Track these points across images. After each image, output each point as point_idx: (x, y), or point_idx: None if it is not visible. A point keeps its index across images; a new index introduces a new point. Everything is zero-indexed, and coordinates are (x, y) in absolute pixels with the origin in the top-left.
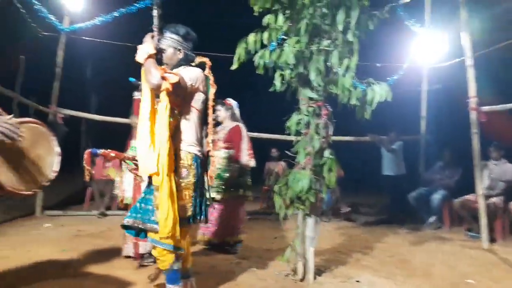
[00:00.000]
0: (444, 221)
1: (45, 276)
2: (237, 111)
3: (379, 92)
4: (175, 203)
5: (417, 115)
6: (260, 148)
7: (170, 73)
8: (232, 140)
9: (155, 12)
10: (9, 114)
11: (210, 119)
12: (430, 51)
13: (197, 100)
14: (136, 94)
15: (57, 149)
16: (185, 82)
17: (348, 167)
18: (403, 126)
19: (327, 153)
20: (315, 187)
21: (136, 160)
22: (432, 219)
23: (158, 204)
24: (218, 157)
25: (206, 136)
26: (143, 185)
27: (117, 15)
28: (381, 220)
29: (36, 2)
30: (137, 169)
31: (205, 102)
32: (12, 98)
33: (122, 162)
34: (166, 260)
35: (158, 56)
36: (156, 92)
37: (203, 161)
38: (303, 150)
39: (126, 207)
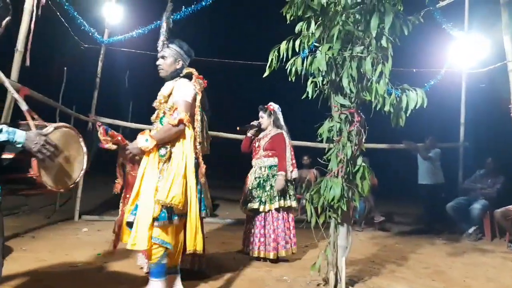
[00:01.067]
0: (484, 232)
1: (80, 279)
2: (280, 116)
3: (414, 98)
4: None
5: (456, 121)
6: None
7: (173, 114)
8: (276, 148)
9: (164, 26)
10: (51, 122)
11: (196, 125)
12: (469, 56)
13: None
14: None
15: (85, 149)
16: (189, 102)
17: (383, 175)
18: (442, 133)
19: (360, 160)
20: (347, 195)
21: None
22: (471, 229)
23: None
24: (258, 166)
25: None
26: None
27: (153, 27)
28: (417, 230)
29: (78, 16)
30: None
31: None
32: (55, 108)
33: None
34: (156, 254)
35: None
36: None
37: (196, 163)
38: (335, 157)
39: None
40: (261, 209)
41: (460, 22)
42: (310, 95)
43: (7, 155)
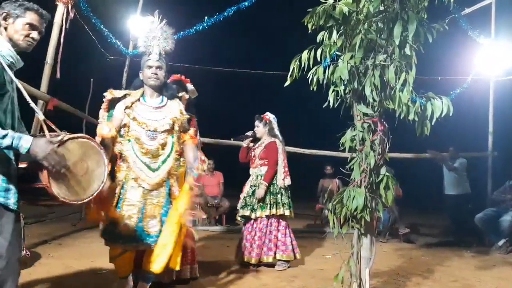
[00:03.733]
0: None
1: (105, 285)
2: (275, 126)
3: (439, 106)
4: None
5: (485, 130)
6: (314, 165)
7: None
8: (268, 157)
9: (165, 36)
10: (78, 132)
11: None
12: (496, 63)
13: None
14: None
15: (106, 161)
16: None
17: (408, 185)
18: (470, 142)
19: (383, 170)
20: (371, 205)
21: None
22: (501, 242)
23: None
24: (255, 175)
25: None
26: None
27: (175, 37)
28: (443, 242)
29: (105, 29)
30: None
31: None
32: (82, 118)
33: None
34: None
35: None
36: None
37: None
38: (358, 167)
39: None
40: (252, 216)
41: (487, 29)
42: (331, 104)
43: (21, 165)
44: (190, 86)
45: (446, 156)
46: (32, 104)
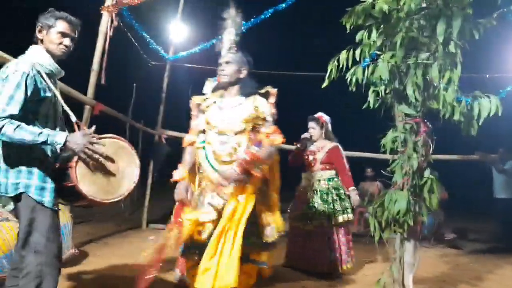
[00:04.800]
0: None
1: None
2: (330, 127)
3: (487, 106)
4: None
5: None
6: (354, 168)
7: (274, 137)
8: (335, 162)
9: (231, 31)
10: (122, 136)
11: None
12: None
13: None
14: None
15: (137, 161)
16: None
17: (455, 188)
18: None
19: (427, 172)
20: (414, 209)
21: None
22: None
23: None
24: (315, 179)
25: None
26: None
27: (214, 41)
28: (493, 249)
29: (147, 36)
30: None
31: None
32: (125, 122)
33: None
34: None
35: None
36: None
37: None
38: (400, 169)
39: None
40: (325, 224)
41: None
42: (371, 105)
43: (56, 165)
44: None
45: (495, 158)
46: (66, 107)
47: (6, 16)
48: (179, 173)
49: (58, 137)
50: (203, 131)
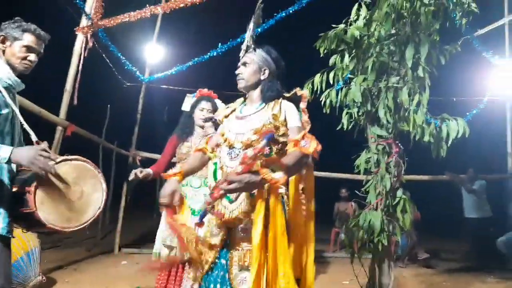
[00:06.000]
0: None
1: None
2: None
3: (455, 128)
4: None
5: (503, 151)
6: (329, 188)
7: (302, 140)
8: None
9: (251, 27)
10: (95, 157)
11: None
12: None
13: None
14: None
15: (104, 185)
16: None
17: (426, 209)
18: (489, 163)
19: (400, 193)
20: (388, 229)
21: None
22: None
23: None
24: None
25: None
26: None
27: (191, 64)
28: (465, 267)
29: (122, 57)
30: None
31: None
32: (99, 143)
33: None
34: None
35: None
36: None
37: None
38: (373, 189)
39: None
40: None
41: (501, 49)
42: (345, 126)
43: (14, 188)
44: (219, 102)
45: (464, 178)
46: (25, 125)
47: None
48: (174, 169)
49: (1, 150)
50: (218, 145)
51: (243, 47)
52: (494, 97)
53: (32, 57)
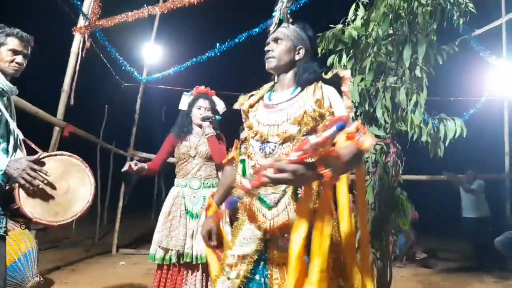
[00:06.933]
0: None
1: None
2: None
3: (452, 128)
4: None
5: (501, 151)
6: None
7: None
8: None
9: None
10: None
11: None
12: (509, 83)
13: None
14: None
15: (92, 179)
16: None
17: (425, 208)
18: (486, 163)
19: (397, 193)
20: (386, 229)
21: None
22: None
23: None
24: None
25: None
26: None
27: (189, 64)
28: (463, 267)
29: (120, 57)
30: None
31: None
32: (96, 143)
33: None
34: None
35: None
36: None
37: None
38: (371, 189)
39: None
40: None
41: (498, 49)
42: None
43: (7, 187)
44: (216, 99)
45: (462, 178)
46: (12, 125)
47: None
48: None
49: None
50: (244, 140)
51: (275, 20)
52: (491, 97)
53: (19, 59)
